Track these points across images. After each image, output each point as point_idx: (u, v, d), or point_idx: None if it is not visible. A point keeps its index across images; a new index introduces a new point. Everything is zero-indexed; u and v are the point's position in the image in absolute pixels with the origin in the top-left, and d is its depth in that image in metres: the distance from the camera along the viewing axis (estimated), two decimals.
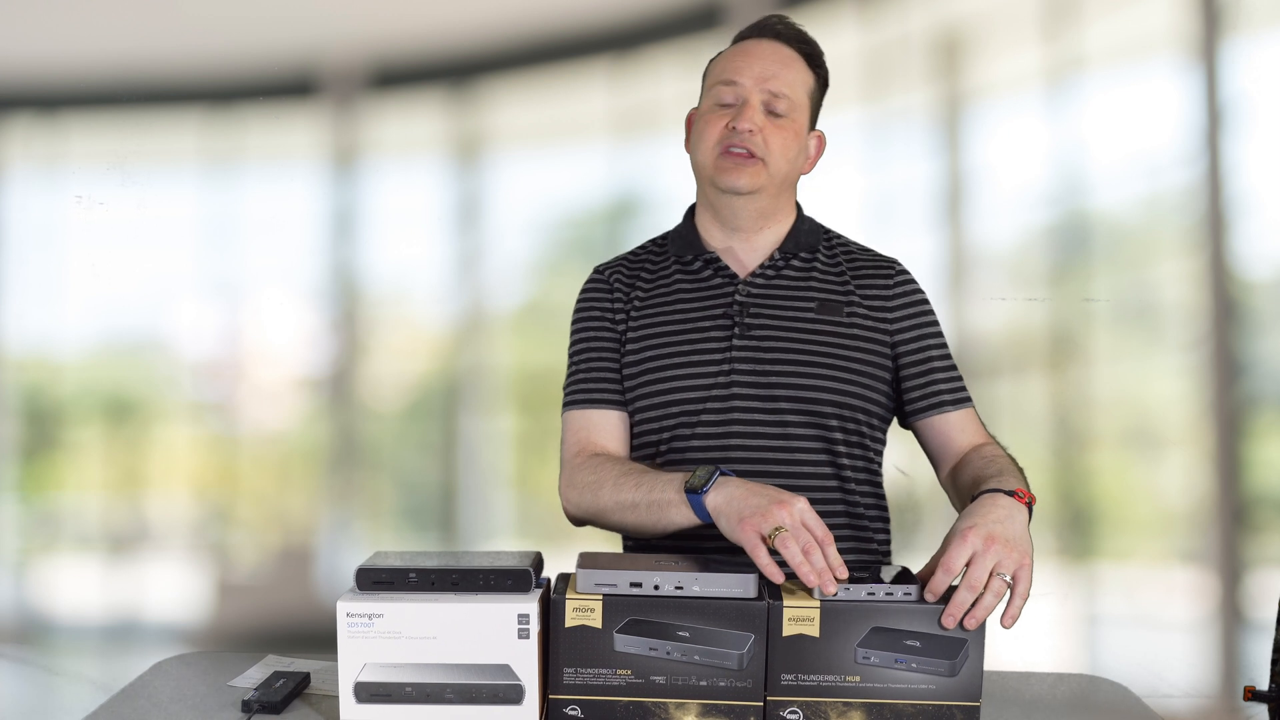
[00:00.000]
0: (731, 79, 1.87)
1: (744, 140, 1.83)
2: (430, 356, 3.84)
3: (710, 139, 1.86)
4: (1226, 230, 3.49)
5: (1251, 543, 3.54)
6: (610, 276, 1.97)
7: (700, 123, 1.89)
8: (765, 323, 1.87)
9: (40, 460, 3.80)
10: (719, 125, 1.86)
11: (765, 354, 1.85)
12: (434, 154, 3.73)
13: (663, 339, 1.89)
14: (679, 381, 1.86)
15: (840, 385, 1.85)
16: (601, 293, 1.96)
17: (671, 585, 1.52)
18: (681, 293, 1.91)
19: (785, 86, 1.86)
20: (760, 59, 1.88)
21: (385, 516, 3.81)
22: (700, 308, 1.89)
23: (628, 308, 1.93)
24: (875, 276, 1.93)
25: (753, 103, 1.85)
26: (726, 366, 1.85)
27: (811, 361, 1.85)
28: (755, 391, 1.84)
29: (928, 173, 3.59)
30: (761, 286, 1.90)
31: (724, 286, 1.90)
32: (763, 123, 1.84)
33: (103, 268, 3.62)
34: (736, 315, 1.87)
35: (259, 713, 1.59)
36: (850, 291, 1.90)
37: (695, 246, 1.93)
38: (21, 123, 3.70)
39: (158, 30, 3.67)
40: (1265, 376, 3.57)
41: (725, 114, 1.86)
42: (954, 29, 3.57)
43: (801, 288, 1.90)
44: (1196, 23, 3.50)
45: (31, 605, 3.75)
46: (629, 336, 1.91)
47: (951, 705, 1.51)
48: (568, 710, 1.52)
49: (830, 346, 1.86)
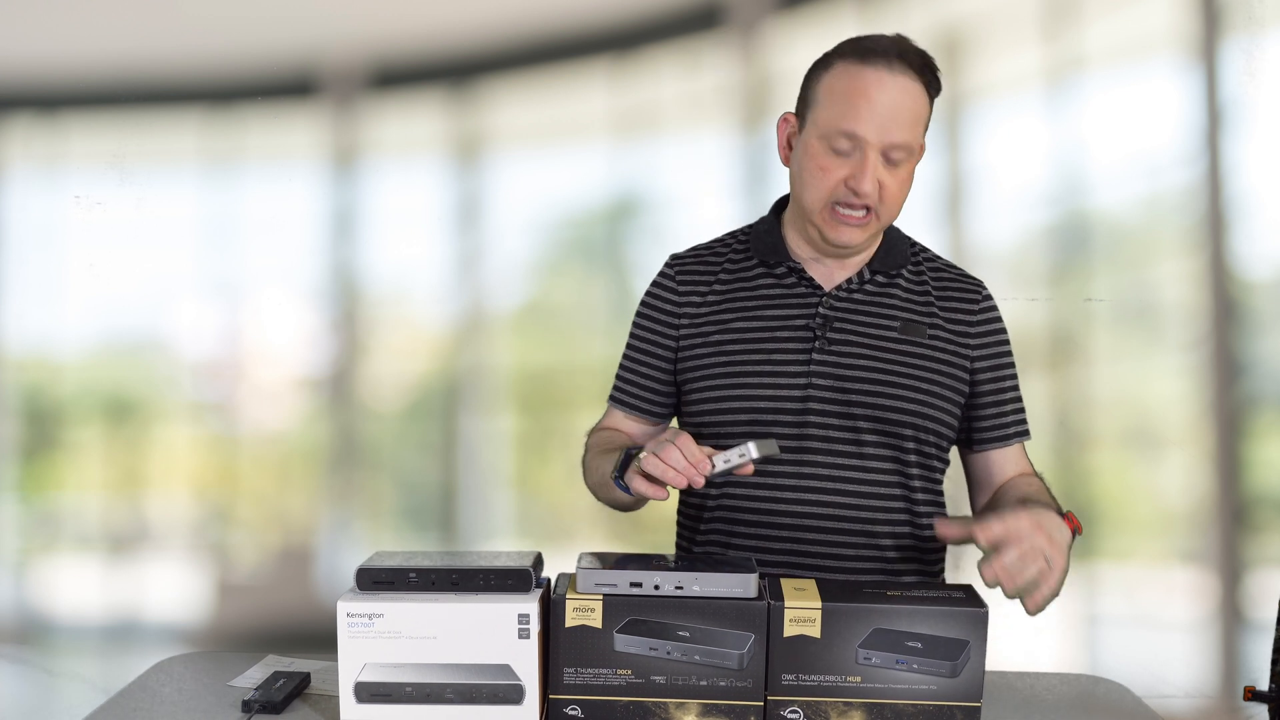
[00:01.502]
0: (852, 131, 1.74)
1: (862, 199, 1.76)
2: (430, 356, 3.84)
3: (823, 188, 1.78)
4: (1226, 230, 3.49)
5: (1251, 543, 3.54)
6: (680, 274, 1.94)
7: (811, 162, 1.78)
8: (848, 338, 1.85)
9: (40, 460, 3.80)
10: (834, 176, 1.76)
11: (846, 369, 1.83)
12: (434, 154, 3.73)
13: (741, 342, 1.86)
14: (754, 388, 1.84)
15: (918, 408, 1.83)
16: (668, 292, 1.94)
17: (671, 585, 1.52)
18: (764, 297, 1.88)
19: (908, 135, 1.76)
20: (883, 106, 1.74)
21: (385, 516, 3.80)
22: (782, 315, 1.87)
23: (701, 303, 1.90)
24: (960, 299, 1.90)
25: (872, 159, 1.75)
26: (804, 380, 1.83)
27: (892, 381, 1.83)
28: (832, 407, 1.83)
29: (928, 173, 3.57)
30: (845, 301, 1.87)
31: (808, 297, 1.87)
32: (881, 174, 1.76)
33: (102, 267, 3.62)
34: (819, 328, 1.85)
35: (259, 713, 1.59)
36: (934, 313, 1.88)
37: (781, 253, 1.89)
38: (21, 123, 3.70)
39: (158, 30, 3.67)
40: (1265, 376, 3.57)
41: (841, 165, 1.76)
42: (954, 29, 3.57)
43: (886, 305, 1.87)
44: (1196, 23, 3.49)
45: (31, 605, 3.75)
46: (700, 331, 1.89)
47: (952, 705, 1.51)
48: (568, 710, 1.52)
49: (911, 368, 1.84)
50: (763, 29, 3.49)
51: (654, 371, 1.93)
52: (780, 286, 1.89)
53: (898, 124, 1.75)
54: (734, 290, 1.90)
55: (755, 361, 1.85)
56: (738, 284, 1.91)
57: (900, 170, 1.78)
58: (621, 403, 1.97)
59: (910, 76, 1.78)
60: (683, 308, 1.91)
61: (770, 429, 1.82)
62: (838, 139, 1.76)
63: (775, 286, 1.89)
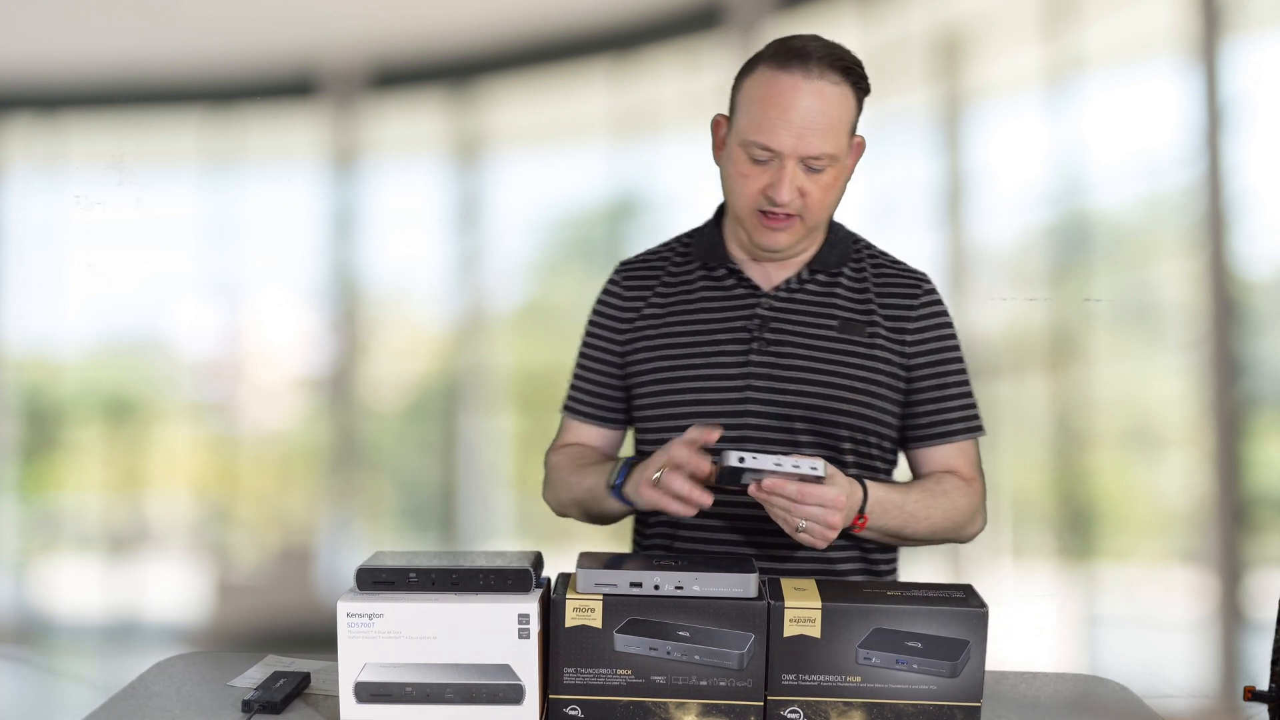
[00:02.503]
0: (766, 144, 1.73)
1: (783, 208, 1.75)
2: (430, 356, 3.84)
3: (747, 196, 1.78)
4: (1226, 230, 3.49)
5: (1251, 543, 3.54)
6: (626, 280, 1.94)
7: (733, 169, 1.79)
8: (785, 338, 1.84)
9: (40, 460, 3.80)
10: (754, 185, 1.76)
11: (783, 371, 1.83)
12: (434, 154, 3.73)
13: (680, 348, 1.86)
14: (693, 394, 1.84)
15: (855, 408, 1.83)
16: (615, 299, 1.94)
17: (671, 585, 1.52)
18: (704, 301, 1.88)
19: (826, 144, 1.74)
20: (798, 115, 1.73)
21: (385, 516, 3.81)
22: (720, 318, 1.86)
23: (643, 308, 1.91)
24: (900, 295, 1.88)
25: (789, 169, 1.74)
26: (741, 382, 1.83)
27: (828, 382, 1.83)
28: (770, 409, 1.82)
29: (928, 173, 3.58)
30: (784, 301, 1.86)
31: (746, 299, 1.87)
32: (801, 182, 1.75)
33: (102, 267, 3.62)
34: (756, 330, 1.85)
35: (259, 713, 1.59)
36: (873, 310, 1.87)
37: (720, 256, 1.89)
38: (21, 123, 3.70)
39: (158, 30, 3.67)
40: (1265, 376, 3.57)
41: (761, 173, 1.76)
42: (954, 29, 3.57)
43: (825, 305, 1.86)
44: (1196, 23, 3.49)
45: (31, 605, 3.75)
46: (642, 337, 1.89)
47: (952, 705, 1.51)
48: (568, 710, 1.52)
49: (849, 367, 1.83)
50: (763, 29, 3.49)
51: (607, 379, 1.93)
52: (719, 289, 1.88)
53: (814, 133, 1.73)
54: (675, 295, 1.90)
55: (695, 365, 1.85)
56: (679, 288, 1.91)
57: (824, 176, 1.76)
58: (578, 413, 1.96)
59: (829, 80, 1.75)
60: (627, 314, 1.92)
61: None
62: (755, 149, 1.75)
63: (714, 289, 1.89)
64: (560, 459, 1.94)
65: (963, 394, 1.89)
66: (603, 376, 1.93)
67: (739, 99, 1.81)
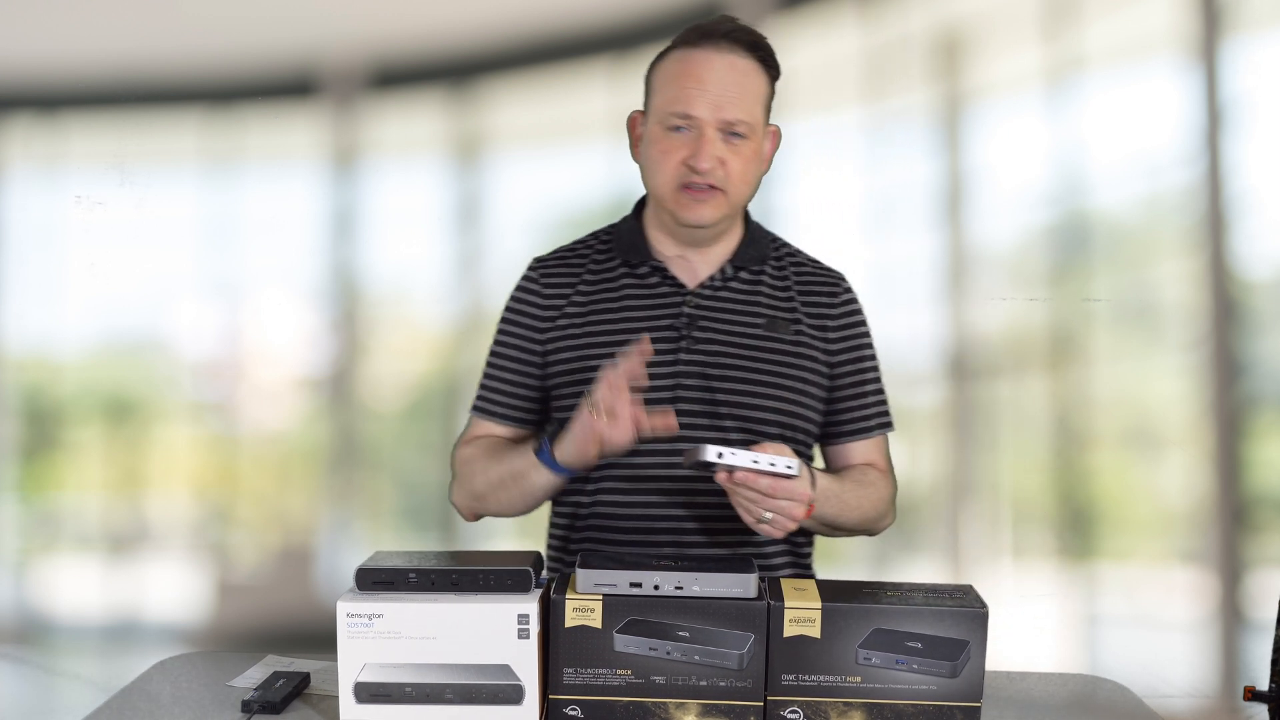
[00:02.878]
0: (685, 111, 1.76)
1: (704, 177, 1.77)
2: (430, 356, 3.84)
3: (667, 172, 1.79)
4: (1226, 230, 3.49)
5: (1251, 543, 3.54)
6: (545, 277, 1.92)
7: (653, 148, 1.81)
8: (713, 336, 1.84)
9: (40, 460, 3.80)
10: (675, 158, 1.78)
11: (712, 369, 1.83)
12: (434, 154, 3.73)
13: (606, 346, 1.84)
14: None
15: (785, 405, 1.84)
16: (533, 296, 1.91)
17: (671, 585, 1.52)
18: (628, 299, 1.87)
19: (742, 111, 1.77)
20: (714, 83, 1.77)
21: (385, 516, 3.81)
22: (647, 317, 1.86)
23: (564, 306, 1.89)
24: (820, 293, 1.91)
25: (709, 135, 1.76)
26: (672, 381, 1.82)
27: (758, 380, 1.83)
28: (700, 408, 1.82)
29: (928, 173, 3.58)
30: (709, 298, 1.86)
31: (671, 296, 1.87)
32: (721, 151, 1.77)
33: (102, 267, 3.62)
34: (684, 328, 1.84)
35: (259, 713, 1.59)
36: (796, 308, 1.89)
37: (643, 253, 1.88)
38: (21, 123, 3.70)
39: (158, 30, 3.67)
40: (1265, 376, 3.57)
41: (680, 143, 1.78)
42: (954, 29, 3.57)
43: (750, 302, 1.87)
44: (1196, 23, 3.49)
45: (31, 605, 3.75)
46: (566, 335, 1.87)
47: (952, 706, 1.51)
48: (568, 710, 1.52)
49: (777, 364, 1.85)
50: (762, 29, 3.48)
51: (524, 379, 1.90)
52: (643, 286, 1.88)
53: (730, 100, 1.77)
54: (598, 292, 1.89)
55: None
56: (602, 285, 1.89)
57: (743, 148, 1.78)
58: (490, 413, 1.91)
59: (739, 54, 1.80)
60: (548, 312, 1.89)
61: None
62: (674, 120, 1.78)
63: (638, 286, 1.88)
64: (470, 451, 1.89)
65: (878, 390, 1.93)
66: (519, 376, 1.90)
67: (654, 83, 1.84)
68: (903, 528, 3.64)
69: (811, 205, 3.52)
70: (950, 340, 3.59)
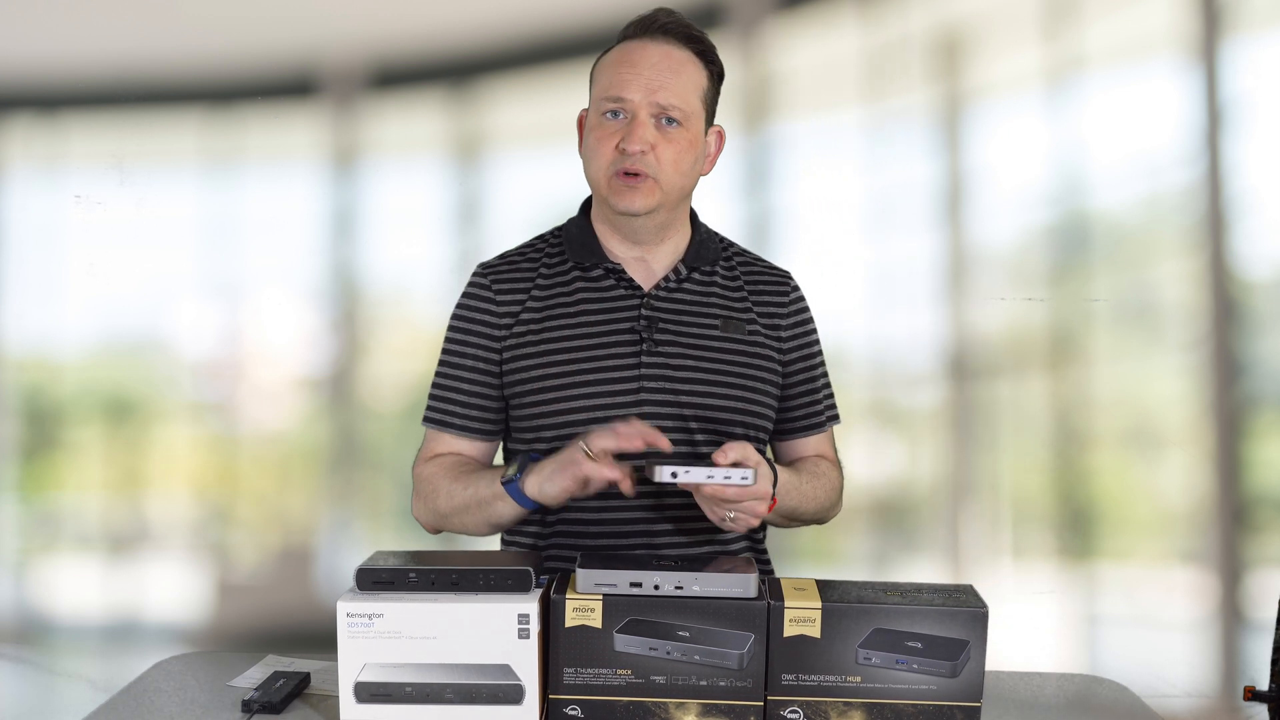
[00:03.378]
0: (618, 95, 1.78)
1: (635, 163, 1.76)
2: (430, 356, 3.82)
3: (602, 158, 1.80)
4: (1226, 230, 3.49)
5: (1251, 543, 3.54)
6: (496, 283, 1.88)
7: (590, 137, 1.82)
8: (672, 338, 1.84)
9: (40, 460, 3.80)
10: (609, 144, 1.78)
11: (675, 371, 1.83)
12: (434, 154, 3.73)
13: (566, 352, 1.83)
14: (586, 400, 1.81)
15: (745, 405, 1.85)
16: (485, 303, 1.88)
17: (671, 585, 1.52)
18: (585, 303, 1.85)
19: (676, 97, 1.77)
20: (648, 68, 1.78)
21: (385, 516, 3.80)
22: (606, 320, 1.84)
23: (519, 313, 1.86)
24: (771, 292, 1.92)
25: (641, 119, 1.77)
26: (635, 384, 1.82)
27: (719, 380, 1.84)
28: (664, 409, 1.82)
29: (928, 173, 3.58)
30: (666, 301, 1.86)
31: (628, 299, 1.85)
32: (654, 138, 1.77)
33: (102, 267, 3.62)
34: (644, 330, 1.84)
35: (259, 713, 1.59)
36: (749, 308, 1.89)
37: (596, 254, 1.87)
38: (21, 123, 3.70)
39: (158, 30, 3.67)
40: (1265, 376, 3.57)
41: (615, 130, 1.79)
42: (954, 29, 3.57)
43: (704, 303, 1.87)
44: (1196, 23, 3.50)
45: (31, 605, 3.75)
46: (524, 342, 1.85)
47: (952, 705, 1.51)
48: (568, 710, 1.52)
49: (735, 365, 1.85)
50: (763, 29, 3.49)
51: (481, 389, 1.87)
52: (598, 289, 1.86)
53: (662, 84, 1.77)
54: (553, 297, 1.86)
55: (585, 370, 1.82)
56: (556, 290, 1.87)
57: (677, 136, 1.78)
58: (448, 425, 1.88)
59: (675, 45, 1.81)
60: (503, 319, 1.86)
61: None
62: (608, 105, 1.79)
63: (593, 289, 1.86)
64: (434, 469, 1.86)
65: (827, 384, 1.97)
66: (475, 386, 1.87)
67: (595, 76, 1.86)
68: (903, 527, 3.64)
69: (811, 205, 3.52)
70: (950, 340, 3.59)
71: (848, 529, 1.95)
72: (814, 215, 3.54)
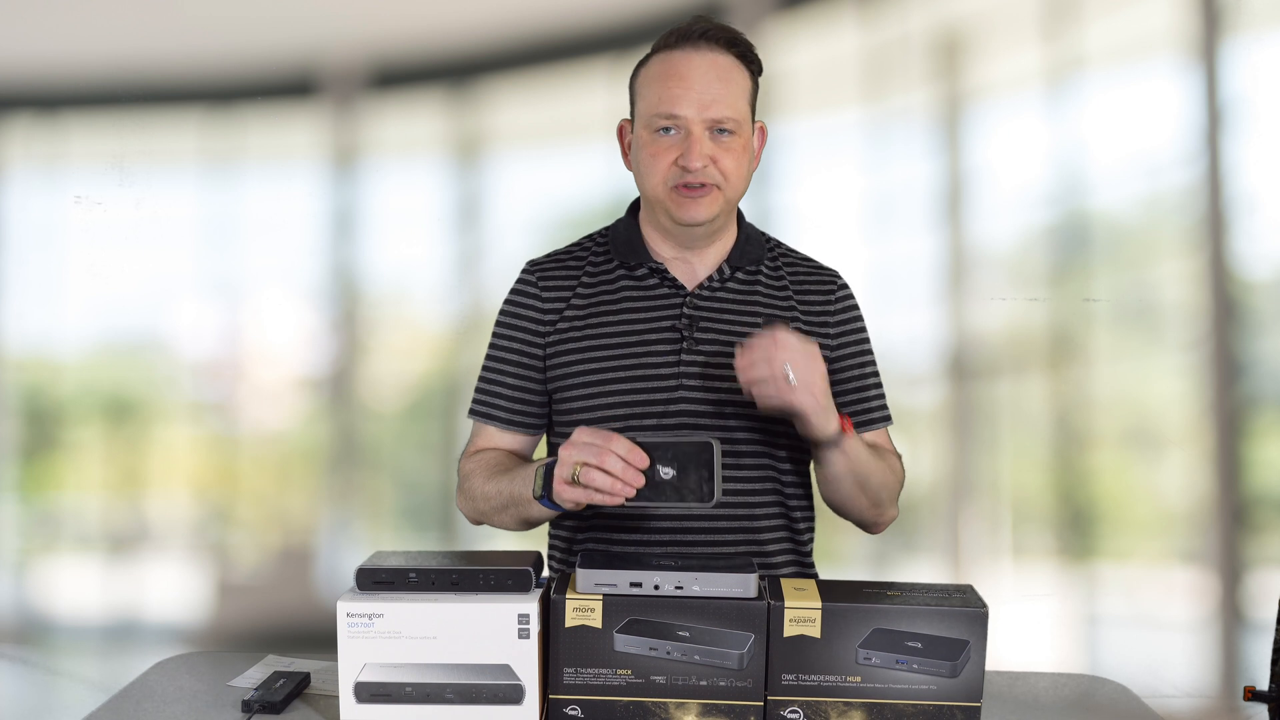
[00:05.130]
0: (671, 111, 1.77)
1: (698, 177, 1.77)
2: (430, 356, 3.84)
3: (658, 174, 1.80)
4: (1226, 230, 3.49)
5: (1251, 543, 3.54)
6: (542, 280, 1.92)
7: (643, 152, 1.81)
8: (714, 337, 1.85)
9: (40, 460, 3.80)
10: (665, 160, 1.79)
11: (714, 369, 1.83)
12: (434, 154, 3.73)
13: (608, 349, 1.85)
14: (625, 395, 1.83)
15: None
16: (531, 299, 1.91)
17: (671, 585, 1.52)
18: (628, 301, 1.88)
19: (728, 108, 1.78)
20: (698, 82, 1.78)
21: (385, 516, 3.81)
22: (648, 318, 1.86)
23: (564, 309, 1.89)
24: (817, 290, 1.92)
25: (696, 134, 1.77)
26: (674, 382, 1.83)
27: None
28: (703, 407, 1.83)
29: (928, 173, 3.59)
30: (708, 299, 1.87)
31: (671, 298, 1.87)
32: (711, 150, 1.78)
33: (102, 268, 3.62)
34: (685, 329, 1.85)
35: (259, 713, 1.59)
36: (794, 307, 1.90)
37: (641, 254, 1.89)
38: (21, 123, 3.70)
39: (158, 30, 3.67)
40: (1265, 376, 3.57)
41: (669, 145, 1.79)
42: (954, 29, 3.57)
43: (748, 301, 1.88)
44: (1196, 23, 3.50)
45: (31, 605, 3.75)
46: (567, 338, 1.87)
47: (952, 705, 1.51)
48: (568, 710, 1.52)
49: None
50: (763, 29, 3.49)
51: (524, 383, 1.90)
52: (642, 288, 1.88)
53: (714, 97, 1.78)
54: (597, 295, 1.89)
55: (626, 366, 1.84)
56: (600, 288, 1.89)
57: (732, 144, 1.79)
58: (493, 418, 1.92)
59: (719, 51, 1.81)
60: (548, 315, 1.89)
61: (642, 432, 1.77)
62: (660, 122, 1.79)
63: (637, 288, 1.88)
64: (474, 466, 1.89)
65: (878, 385, 1.95)
66: (520, 380, 1.90)
67: (638, 89, 1.84)
68: (903, 528, 3.64)
69: (811, 205, 3.52)
70: (950, 340, 3.59)
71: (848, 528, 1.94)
72: (814, 215, 3.54)
